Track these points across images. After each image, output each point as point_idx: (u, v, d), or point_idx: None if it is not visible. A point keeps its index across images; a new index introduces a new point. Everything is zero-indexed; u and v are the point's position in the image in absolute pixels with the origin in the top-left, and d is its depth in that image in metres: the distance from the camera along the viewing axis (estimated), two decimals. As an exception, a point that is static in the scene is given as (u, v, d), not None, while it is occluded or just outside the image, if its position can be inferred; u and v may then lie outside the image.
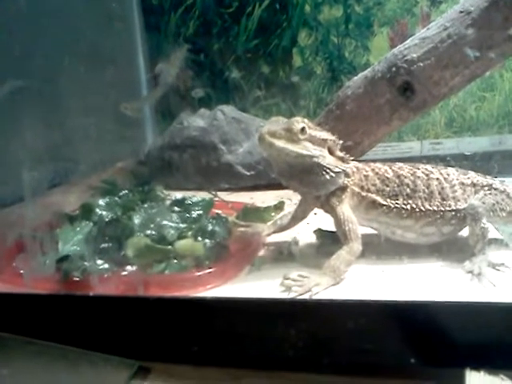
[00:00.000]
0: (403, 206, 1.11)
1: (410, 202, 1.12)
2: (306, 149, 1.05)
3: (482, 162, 1.29)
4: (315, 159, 1.06)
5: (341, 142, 1.14)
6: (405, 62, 1.58)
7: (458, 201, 1.13)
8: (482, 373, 0.79)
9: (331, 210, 1.12)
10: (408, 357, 0.85)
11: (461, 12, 1.49)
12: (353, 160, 1.17)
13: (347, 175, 1.13)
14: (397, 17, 2.18)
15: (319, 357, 0.90)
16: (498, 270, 1.05)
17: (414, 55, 1.56)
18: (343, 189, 1.12)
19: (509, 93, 2.10)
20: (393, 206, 1.12)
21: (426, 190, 1.12)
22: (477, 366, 0.80)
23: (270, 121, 1.09)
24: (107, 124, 1.70)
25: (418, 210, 1.11)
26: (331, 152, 1.11)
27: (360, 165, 1.17)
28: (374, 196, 1.13)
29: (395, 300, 0.92)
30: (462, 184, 1.15)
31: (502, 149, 1.01)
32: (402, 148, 2.25)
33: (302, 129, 1.05)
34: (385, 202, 1.12)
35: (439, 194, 1.13)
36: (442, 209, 1.12)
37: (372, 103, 1.71)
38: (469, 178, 1.18)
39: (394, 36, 2.17)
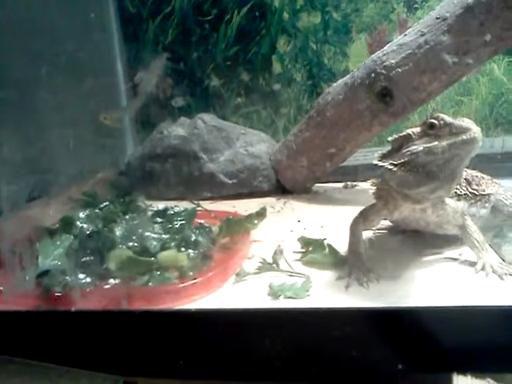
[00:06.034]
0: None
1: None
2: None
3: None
4: None
5: None
6: (383, 68, 1.59)
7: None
8: (469, 377, 0.79)
9: (440, 207, 1.14)
10: (396, 363, 0.85)
11: (437, 18, 1.51)
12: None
13: None
14: (374, 23, 2.20)
15: (307, 366, 0.90)
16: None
17: (393, 61, 1.58)
18: None
19: (485, 97, 2.13)
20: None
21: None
22: (464, 370, 0.80)
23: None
24: (86, 135, 1.68)
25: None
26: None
27: None
28: None
29: (381, 307, 0.93)
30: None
31: (480, 152, 1.03)
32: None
33: None
34: None
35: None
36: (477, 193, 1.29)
37: (352, 109, 1.72)
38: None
39: (372, 42, 2.19)
